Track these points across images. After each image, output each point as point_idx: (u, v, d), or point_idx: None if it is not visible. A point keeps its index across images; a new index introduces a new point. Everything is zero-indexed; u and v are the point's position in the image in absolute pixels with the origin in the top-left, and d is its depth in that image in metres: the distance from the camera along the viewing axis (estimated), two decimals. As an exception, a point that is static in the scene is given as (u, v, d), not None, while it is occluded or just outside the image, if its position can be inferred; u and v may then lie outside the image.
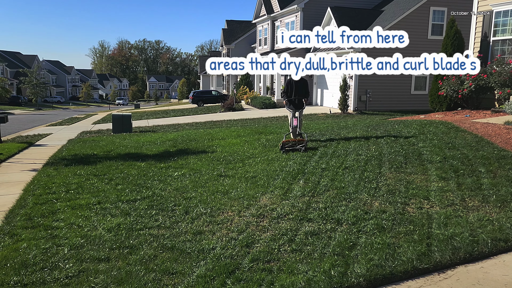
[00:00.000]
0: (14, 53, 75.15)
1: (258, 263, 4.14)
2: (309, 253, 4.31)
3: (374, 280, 3.80)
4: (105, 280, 3.92)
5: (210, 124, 18.64)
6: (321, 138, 10.29)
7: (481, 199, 5.53)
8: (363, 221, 5.00)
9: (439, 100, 14.36)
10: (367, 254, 4.18)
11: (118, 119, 16.47)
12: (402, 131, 10.12)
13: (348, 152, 8.36)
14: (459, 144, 8.19)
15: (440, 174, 6.52)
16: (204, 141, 11.53)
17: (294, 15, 27.01)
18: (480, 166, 6.75)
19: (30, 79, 56.92)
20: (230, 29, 44.94)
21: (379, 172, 6.87)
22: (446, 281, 3.82)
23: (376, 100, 21.59)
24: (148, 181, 7.42)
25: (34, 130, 19.99)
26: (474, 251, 4.21)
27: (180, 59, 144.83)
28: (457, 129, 9.67)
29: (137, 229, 5.15)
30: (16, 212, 6.00)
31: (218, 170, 7.89)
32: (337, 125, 13.33)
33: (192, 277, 3.92)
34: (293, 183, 6.68)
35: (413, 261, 4.01)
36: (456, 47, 14.09)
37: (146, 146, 11.34)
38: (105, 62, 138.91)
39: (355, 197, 5.85)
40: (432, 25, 21.51)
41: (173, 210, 5.80)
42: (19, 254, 4.50)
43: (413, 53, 22.45)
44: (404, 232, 4.67)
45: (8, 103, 49.71)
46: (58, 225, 5.37)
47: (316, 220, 5.13)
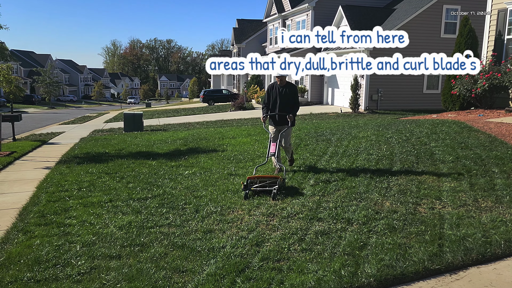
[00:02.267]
0: (28, 53, 76.16)
1: (268, 262, 4.14)
2: (319, 252, 4.30)
3: (385, 281, 3.77)
4: (116, 277, 3.96)
5: (220, 123, 18.68)
6: (331, 137, 10.24)
7: (494, 200, 5.45)
8: (373, 221, 4.97)
9: (452, 99, 14.20)
10: (377, 254, 4.15)
11: (129, 118, 16.59)
12: (414, 130, 10.02)
13: (359, 152, 8.31)
14: (472, 144, 8.09)
15: (452, 174, 6.45)
16: (215, 140, 11.56)
17: (305, 14, 26.92)
18: (494, 166, 6.66)
19: (44, 78, 57.68)
20: (241, 28, 44.99)
21: (390, 172, 6.81)
22: (458, 282, 3.78)
23: (388, 99, 21.42)
24: (159, 179, 7.46)
25: (47, 128, 20.24)
26: (487, 252, 4.16)
27: (191, 58, 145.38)
28: (470, 128, 9.55)
29: (148, 227, 5.19)
30: (29, 209, 6.09)
31: (228, 169, 7.91)
32: (348, 124, 13.26)
33: (202, 275, 3.93)
34: (303, 182, 6.66)
35: (424, 262, 3.97)
36: (469, 46, 13.91)
37: (157, 144, 11.41)
38: (117, 61, 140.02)
39: (366, 196, 5.81)
40: (445, 24, 21.27)
41: (183, 209, 5.82)
42: (32, 250, 4.57)
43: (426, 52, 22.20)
44: (416, 232, 4.63)
45: (22, 101, 50.40)
46: (71, 222, 5.44)
47: (326, 219, 5.11)
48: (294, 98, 7.14)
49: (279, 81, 7.10)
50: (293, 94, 7.15)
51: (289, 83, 7.23)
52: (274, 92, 7.16)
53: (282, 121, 7.16)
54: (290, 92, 7.11)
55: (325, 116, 19.18)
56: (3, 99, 44.06)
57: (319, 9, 25.82)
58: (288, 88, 7.12)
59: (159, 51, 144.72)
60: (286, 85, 7.15)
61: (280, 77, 7.03)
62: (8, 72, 13.21)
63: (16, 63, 62.66)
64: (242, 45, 42.83)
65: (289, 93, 7.10)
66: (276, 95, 7.13)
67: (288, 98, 7.08)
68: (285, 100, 7.08)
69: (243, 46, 42.85)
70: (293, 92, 7.16)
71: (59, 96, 69.75)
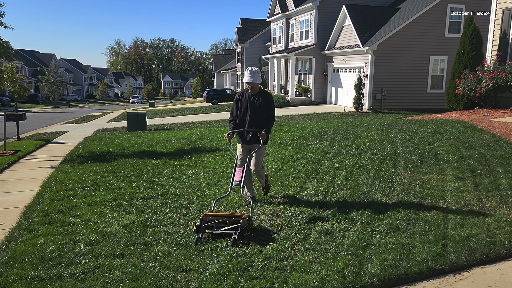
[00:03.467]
0: (32, 52, 76.45)
1: (271, 262, 4.14)
2: (323, 252, 4.29)
3: (388, 281, 3.76)
4: (120, 276, 3.97)
5: (224, 122, 18.68)
6: (335, 137, 10.23)
7: (498, 200, 5.43)
8: (377, 221, 4.96)
9: (456, 99, 14.14)
10: (381, 254, 4.14)
11: (133, 117, 16.63)
12: (417, 130, 9.99)
13: (362, 151, 8.29)
14: (476, 143, 8.05)
15: (456, 174, 6.43)
16: (218, 139, 11.56)
17: (308, 13, 26.88)
18: (498, 166, 6.63)
19: (48, 78, 57.88)
20: (244, 28, 44.97)
21: (394, 172, 6.80)
22: (462, 282, 3.77)
23: (392, 99, 21.36)
24: (162, 178, 7.48)
25: (52, 127, 20.32)
26: (491, 253, 4.14)
27: (195, 58, 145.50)
28: (474, 128, 9.51)
29: (152, 226, 5.20)
30: (34, 208, 6.12)
31: (231, 168, 7.91)
32: (352, 124, 13.23)
33: (205, 275, 3.94)
34: (307, 181, 6.65)
35: (428, 262, 3.96)
36: (474, 45, 13.87)
37: (161, 144, 11.43)
38: (121, 60, 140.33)
39: (370, 196, 5.80)
40: (449, 23, 21.18)
41: (187, 208, 5.83)
42: (37, 249, 4.59)
43: (430, 52, 22.19)
44: (419, 232, 4.62)
45: (27, 101, 50.59)
46: (75, 221, 5.46)
47: (330, 219, 5.11)
48: (268, 109, 5.68)
49: (250, 88, 5.66)
50: (268, 105, 5.69)
51: (263, 91, 5.79)
52: (244, 102, 5.72)
53: (253, 139, 5.71)
54: (264, 103, 5.65)
55: (328, 115, 19.15)
56: (8, 98, 44.26)
57: (323, 8, 25.77)
58: (261, 97, 5.68)
59: (163, 50, 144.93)
60: (260, 94, 5.71)
61: (252, 83, 5.61)
62: (12, 71, 13.27)
63: (21, 63, 62.93)
64: (245, 44, 42.83)
65: (263, 103, 5.64)
66: (246, 105, 5.68)
67: (262, 109, 5.64)
68: (258, 113, 5.64)
69: (247, 46, 42.85)
70: (268, 103, 5.69)
71: (63, 96, 69.95)
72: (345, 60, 23.55)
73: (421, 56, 21.24)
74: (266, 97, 5.72)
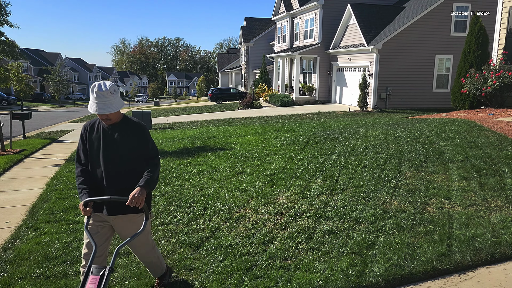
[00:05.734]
0: (38, 51, 76.81)
1: (275, 261, 4.14)
2: (327, 251, 4.29)
3: (393, 280, 3.75)
4: (125, 274, 3.98)
5: (228, 121, 18.69)
6: (339, 136, 10.20)
7: (504, 200, 5.40)
8: (382, 220, 4.94)
9: (462, 98, 14.06)
10: (385, 254, 4.13)
11: (138, 116, 16.69)
12: (423, 129, 9.95)
13: (367, 151, 8.27)
14: (482, 143, 8.01)
15: (462, 174, 6.39)
16: (223, 138, 11.57)
17: (313, 12, 26.82)
18: (504, 166, 6.59)
19: (53, 76, 58.11)
20: (249, 27, 44.94)
21: (398, 171, 6.78)
22: (467, 282, 3.75)
23: (397, 98, 21.28)
24: (167, 177, 7.49)
25: (57, 126, 20.41)
26: (496, 253, 4.12)
27: (199, 57, 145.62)
28: (480, 127, 9.45)
29: (156, 224, 5.22)
30: (39, 206, 6.15)
31: (236, 167, 7.92)
32: (356, 123, 13.20)
33: (209, 273, 3.95)
34: (311, 181, 6.65)
35: (432, 262, 3.95)
36: (480, 44, 13.78)
37: (165, 142, 11.46)
38: (126, 59, 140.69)
39: (374, 196, 5.79)
40: (455, 22, 21.06)
41: (191, 207, 5.85)
42: (42, 247, 4.61)
43: (435, 50, 22.09)
44: (424, 232, 4.60)
45: (32, 100, 50.87)
46: (80, 219, 5.48)
47: (334, 218, 5.10)
48: (143, 148, 3.36)
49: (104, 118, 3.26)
50: (140, 141, 3.36)
51: (127, 118, 3.43)
52: (96, 140, 3.35)
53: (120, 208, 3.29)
54: (130, 138, 3.33)
55: (333, 114, 19.11)
56: (14, 97, 44.49)
57: (328, 7, 25.70)
58: (125, 130, 3.35)
59: (168, 49, 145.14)
60: (122, 124, 3.37)
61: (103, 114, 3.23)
62: (18, 70, 13.34)
63: (26, 62, 63.29)
64: (250, 43, 42.81)
65: (129, 139, 3.33)
66: (98, 145, 3.33)
67: (129, 150, 3.31)
68: (122, 158, 3.30)
69: (251, 45, 42.82)
70: (139, 137, 3.36)
71: (68, 94, 70.27)
72: (350, 59, 23.48)
73: (426, 55, 21.14)
74: (135, 129, 3.37)
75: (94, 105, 3.17)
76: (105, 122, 3.32)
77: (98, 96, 3.15)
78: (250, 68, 43.20)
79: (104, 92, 3.14)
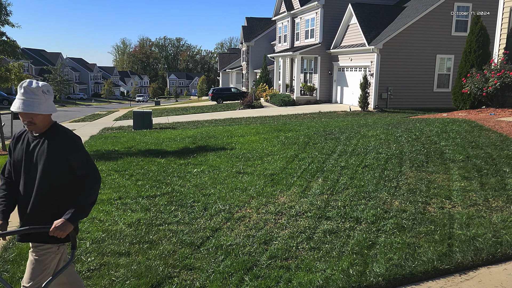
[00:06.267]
0: (39, 51, 76.86)
1: (276, 260, 4.14)
2: (328, 251, 4.29)
3: (394, 280, 3.75)
4: (126, 274, 3.99)
5: (229, 121, 18.70)
6: (340, 136, 10.20)
7: (505, 200, 5.39)
8: (382, 220, 4.94)
9: (463, 98, 14.05)
10: (386, 254, 4.13)
11: (139, 116, 16.71)
12: (423, 129, 9.94)
13: (368, 151, 8.27)
14: (483, 143, 8.00)
15: (462, 174, 6.39)
16: (223, 138, 11.57)
17: (314, 12, 26.81)
18: (505, 166, 6.58)
19: (54, 76, 58.24)
20: (249, 27, 44.94)
21: (399, 171, 6.77)
22: (468, 282, 3.75)
23: (397, 98, 21.26)
24: (167, 177, 7.50)
25: (58, 126, 20.43)
26: (497, 253, 4.12)
27: (200, 56, 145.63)
28: (481, 127, 9.44)
29: (157, 224, 5.22)
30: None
31: (237, 167, 7.92)
32: (357, 123, 13.19)
33: (210, 273, 3.95)
34: (312, 180, 6.64)
35: (433, 262, 3.95)
36: (481, 44, 13.76)
37: (166, 142, 11.46)
38: (127, 59, 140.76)
39: (375, 195, 5.79)
40: (456, 22, 21.04)
41: (192, 206, 5.85)
42: (43, 246, 4.62)
43: (436, 50, 22.08)
44: (425, 232, 4.60)
45: (33, 99, 50.89)
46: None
47: (335, 218, 5.10)
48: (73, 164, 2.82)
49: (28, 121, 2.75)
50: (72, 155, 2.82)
51: (58, 127, 2.90)
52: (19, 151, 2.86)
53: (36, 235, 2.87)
54: (57, 151, 2.79)
55: (334, 114, 19.10)
56: (15, 97, 44.63)
57: (329, 7, 25.69)
58: (52, 141, 2.81)
59: (169, 49, 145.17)
60: (49, 133, 2.84)
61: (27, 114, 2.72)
62: (19, 70, 13.37)
63: (27, 61, 63.26)
64: (251, 43, 42.80)
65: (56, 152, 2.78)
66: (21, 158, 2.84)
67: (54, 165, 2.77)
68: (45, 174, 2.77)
69: (252, 45, 42.82)
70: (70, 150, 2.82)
71: (69, 94, 70.36)
72: (351, 59, 23.47)
73: (427, 54, 21.12)
74: (65, 140, 2.83)
75: (18, 101, 2.68)
76: (28, 127, 2.76)
77: (25, 92, 2.68)
78: (251, 68, 43.20)
79: (35, 88, 2.69)
